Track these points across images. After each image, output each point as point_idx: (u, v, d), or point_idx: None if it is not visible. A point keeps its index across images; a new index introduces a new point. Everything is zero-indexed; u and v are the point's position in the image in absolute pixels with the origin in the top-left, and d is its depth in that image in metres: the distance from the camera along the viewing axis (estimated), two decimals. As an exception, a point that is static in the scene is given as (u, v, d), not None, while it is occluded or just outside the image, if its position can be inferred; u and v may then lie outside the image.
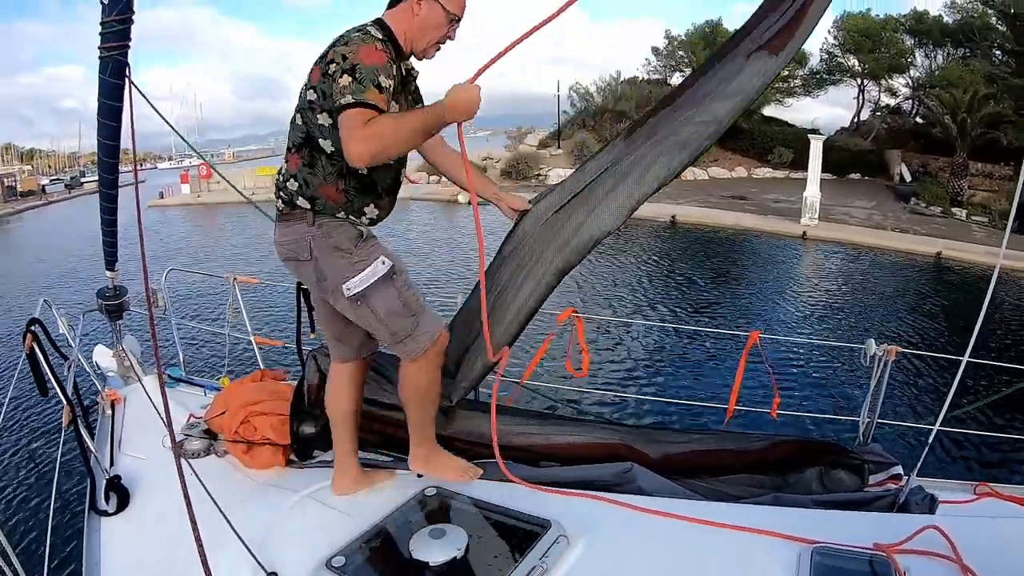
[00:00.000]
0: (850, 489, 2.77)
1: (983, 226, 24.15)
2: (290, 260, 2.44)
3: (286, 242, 2.40)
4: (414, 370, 2.45)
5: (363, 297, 2.34)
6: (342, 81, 2.12)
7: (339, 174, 2.30)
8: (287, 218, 2.38)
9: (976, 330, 2.66)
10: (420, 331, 2.40)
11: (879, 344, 3.24)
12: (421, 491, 2.40)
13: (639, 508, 2.43)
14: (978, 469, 7.09)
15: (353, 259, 2.33)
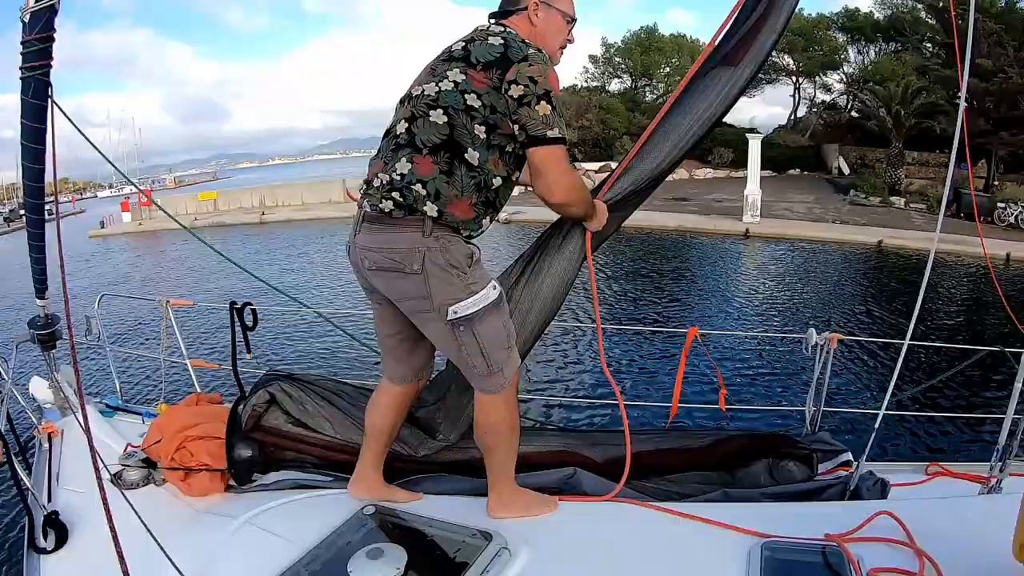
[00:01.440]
0: (800, 479, 2.78)
1: (922, 213, 24.98)
2: (387, 271, 2.20)
3: (391, 250, 2.16)
4: (501, 405, 2.31)
5: (468, 322, 2.18)
6: (541, 109, 2.07)
7: (476, 187, 2.17)
8: (397, 224, 2.15)
9: (915, 314, 2.70)
10: (509, 365, 2.29)
11: (820, 333, 3.28)
12: (360, 510, 2.34)
13: (583, 513, 2.41)
14: (930, 450, 7.23)
15: (467, 280, 2.18)
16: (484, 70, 2.10)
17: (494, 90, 2.09)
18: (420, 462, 2.73)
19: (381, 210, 2.17)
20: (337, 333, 10.06)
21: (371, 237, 2.20)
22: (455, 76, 2.13)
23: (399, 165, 2.15)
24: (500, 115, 2.10)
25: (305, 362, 10.39)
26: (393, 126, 2.25)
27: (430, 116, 2.13)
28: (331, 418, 2.78)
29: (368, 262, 2.22)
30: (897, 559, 2.05)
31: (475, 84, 2.10)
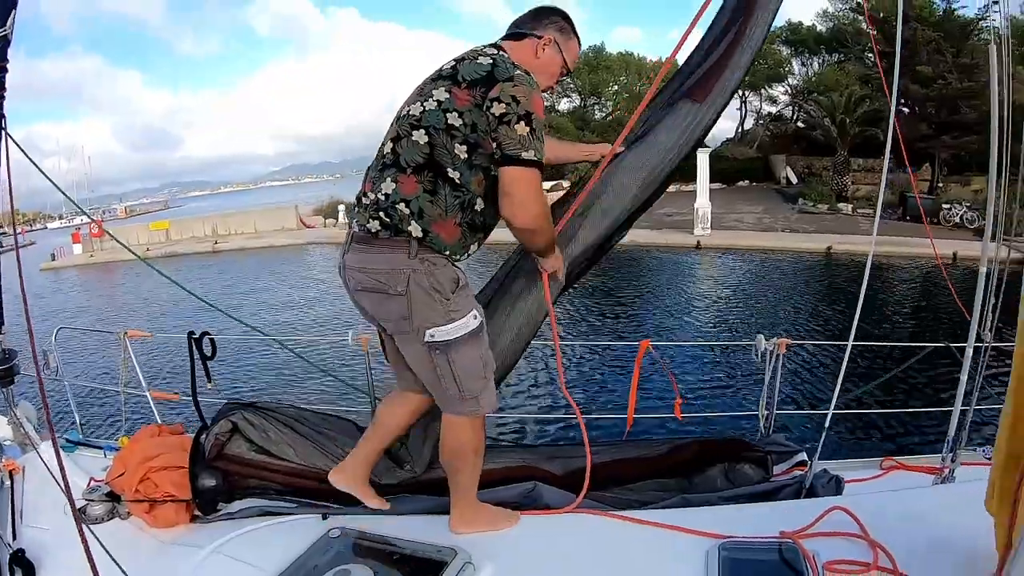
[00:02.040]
0: (756, 481, 2.84)
1: (869, 218, 25.59)
2: (371, 291, 2.21)
3: (376, 271, 2.18)
4: (468, 428, 2.32)
5: (445, 347, 2.19)
6: (519, 129, 2.06)
7: (460, 207, 2.17)
8: (383, 244, 2.16)
9: (856, 316, 2.79)
10: (484, 396, 2.29)
11: (769, 339, 3.37)
12: (326, 533, 2.36)
13: (545, 525, 2.46)
14: (885, 446, 7.40)
15: (449, 305, 2.18)
16: (468, 88, 2.11)
17: (476, 107, 2.09)
18: (382, 486, 2.75)
19: (368, 230, 2.18)
20: (296, 361, 10.03)
21: (358, 257, 2.22)
22: (439, 95, 2.14)
23: (384, 185, 2.16)
24: (481, 133, 2.10)
25: (265, 390, 10.31)
26: (381, 146, 2.27)
27: (413, 136, 2.15)
28: (294, 444, 2.80)
29: (354, 282, 2.24)
30: (852, 551, 2.12)
31: (458, 102, 2.11)
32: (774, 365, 3.39)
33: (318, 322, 15.80)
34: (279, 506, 2.69)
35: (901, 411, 7.39)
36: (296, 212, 34.76)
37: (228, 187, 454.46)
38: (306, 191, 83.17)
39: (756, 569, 2.11)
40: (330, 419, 2.98)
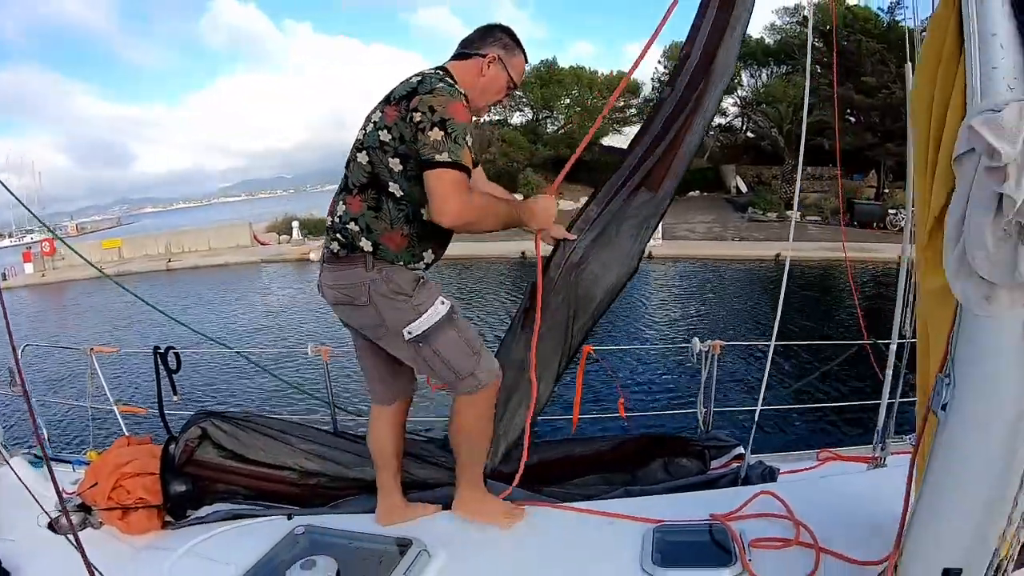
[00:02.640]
0: (695, 473, 3.01)
1: (817, 224, 26.13)
2: (343, 304, 2.38)
3: (341, 286, 2.35)
4: (469, 409, 2.46)
5: (425, 338, 2.32)
6: (432, 135, 2.14)
7: (406, 219, 2.30)
8: (344, 262, 2.33)
9: (777, 317, 3.00)
10: (480, 368, 2.41)
11: (704, 341, 3.58)
12: (292, 530, 2.51)
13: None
14: (824, 439, 7.69)
15: (414, 302, 2.31)
16: (396, 104, 2.24)
17: (401, 120, 2.21)
18: (348, 481, 2.92)
19: (331, 251, 2.37)
20: (258, 373, 10.05)
21: (328, 276, 2.39)
22: (375, 116, 2.31)
23: (338, 208, 2.36)
24: (408, 144, 2.21)
25: (229, 402, 10.38)
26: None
27: (357, 158, 2.32)
28: (264, 447, 2.94)
29: (330, 297, 2.40)
30: (777, 530, 2.36)
31: (387, 118, 2.24)
32: (710, 365, 3.58)
33: (279, 337, 15.79)
34: (247, 509, 2.82)
35: (835, 405, 7.68)
36: (250, 229, 34.36)
37: (181, 204, 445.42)
38: (260, 207, 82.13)
39: (688, 549, 2.31)
40: (295, 424, 3.13)
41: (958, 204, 1.31)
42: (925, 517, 1.63)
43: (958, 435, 1.50)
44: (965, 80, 1.30)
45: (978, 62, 1.27)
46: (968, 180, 1.26)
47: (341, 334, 10.29)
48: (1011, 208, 1.17)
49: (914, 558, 1.67)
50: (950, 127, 1.34)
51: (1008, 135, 1.13)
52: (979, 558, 1.58)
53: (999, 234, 1.24)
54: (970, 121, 1.18)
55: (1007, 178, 1.16)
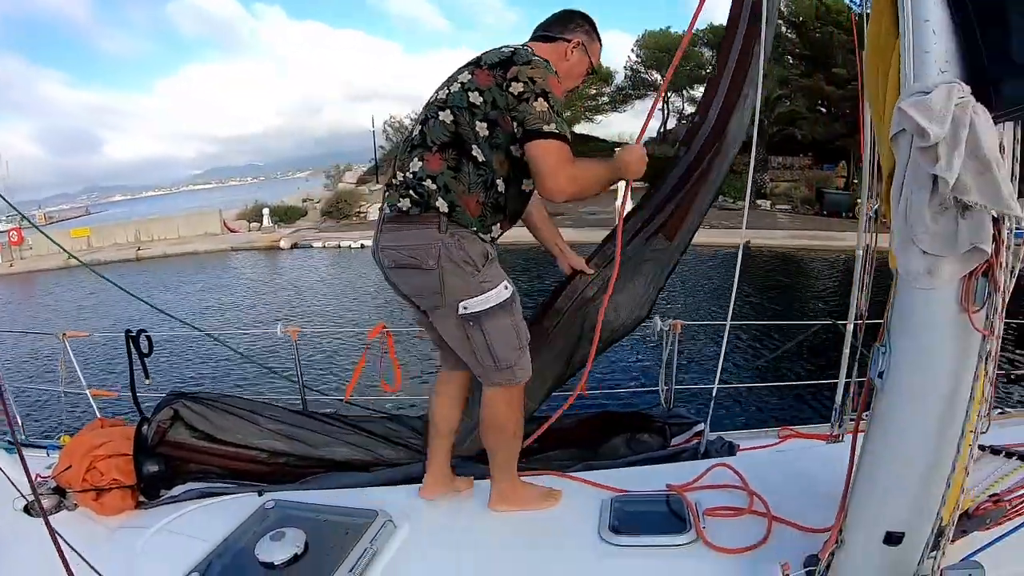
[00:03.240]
0: (655, 449, 3.09)
1: (786, 213, 26.40)
2: (405, 268, 2.26)
3: (407, 247, 2.23)
4: (501, 400, 2.39)
5: (478, 319, 2.25)
6: (537, 105, 2.12)
7: (483, 186, 2.23)
8: (414, 220, 2.22)
9: (732, 298, 3.08)
10: (520, 365, 2.36)
11: (665, 320, 3.65)
12: (261, 506, 2.55)
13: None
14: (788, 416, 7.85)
15: (480, 277, 2.24)
16: (489, 69, 2.20)
17: (496, 87, 2.17)
18: (315, 460, 2.98)
19: (399, 209, 2.25)
20: (229, 355, 10.00)
21: (390, 235, 2.28)
22: (463, 77, 2.25)
23: (411, 164, 2.26)
24: (500, 111, 2.17)
25: (201, 384, 10.32)
26: (410, 131, 2.37)
27: (439, 116, 2.24)
28: (234, 428, 2.98)
29: (388, 260, 2.29)
30: (732, 500, 2.45)
31: (479, 81, 2.20)
32: (671, 344, 3.64)
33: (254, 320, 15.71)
34: (219, 487, 2.86)
35: (798, 384, 7.83)
36: (220, 217, 34.00)
37: (151, 191, 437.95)
38: (231, 194, 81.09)
39: (644, 518, 2.40)
40: (264, 405, 3.18)
41: (897, 182, 1.38)
42: (866, 482, 1.70)
43: (894, 403, 1.58)
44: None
45: (912, 46, 1.33)
46: (904, 159, 1.33)
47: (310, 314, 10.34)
48: (946, 187, 1.25)
49: (857, 522, 1.74)
50: (888, 111, 1.40)
51: (937, 116, 1.19)
52: (921, 522, 1.65)
53: (936, 209, 1.31)
54: (900, 103, 1.25)
55: (938, 159, 1.23)
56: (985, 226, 1.31)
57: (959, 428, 1.52)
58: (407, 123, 38.39)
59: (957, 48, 1.30)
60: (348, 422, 3.17)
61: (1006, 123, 1.31)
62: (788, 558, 1.96)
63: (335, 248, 26.65)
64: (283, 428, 3.02)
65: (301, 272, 22.87)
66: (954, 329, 1.45)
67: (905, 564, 1.71)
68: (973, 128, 1.20)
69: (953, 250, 1.34)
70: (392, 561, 2.24)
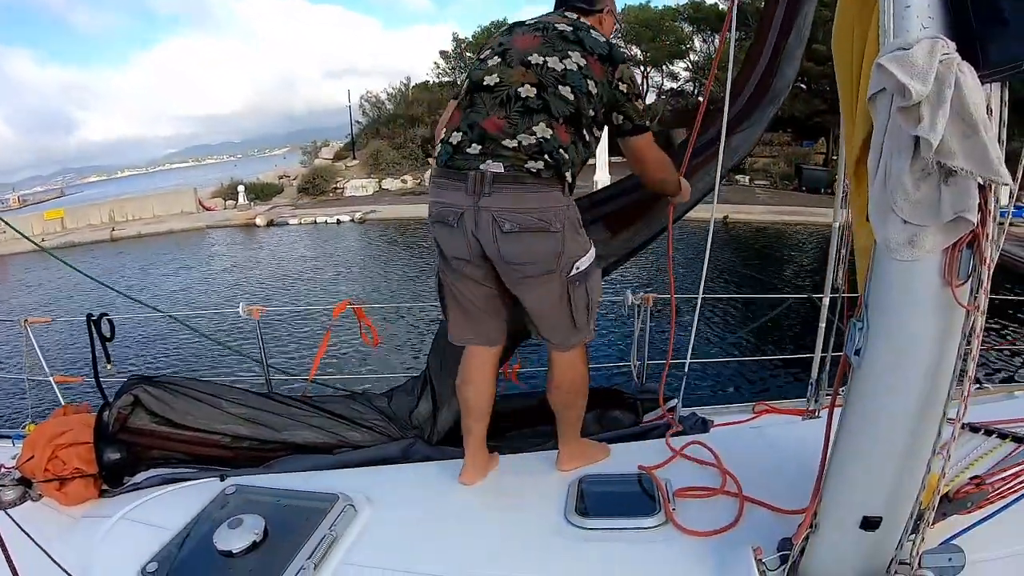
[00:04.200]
0: (626, 426, 3.04)
1: (765, 189, 26.50)
2: (531, 231, 2.18)
3: (533, 209, 2.16)
4: (584, 363, 2.50)
5: (584, 277, 2.32)
6: (639, 105, 2.34)
7: (583, 162, 2.33)
8: (544, 183, 2.17)
9: (704, 272, 3.14)
10: (593, 321, 2.44)
11: (636, 294, 3.60)
12: (222, 491, 2.50)
13: (423, 470, 2.69)
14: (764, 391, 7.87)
15: (582, 238, 2.32)
16: (600, 62, 2.26)
17: (607, 83, 2.26)
18: (278, 444, 2.92)
19: (528, 170, 2.15)
20: (192, 337, 9.87)
21: (513, 198, 2.16)
22: (577, 59, 2.24)
23: (537, 129, 2.18)
24: (605, 105, 2.29)
25: (164, 367, 10.24)
26: (506, 84, 2.25)
27: (560, 90, 2.20)
28: (196, 412, 2.91)
29: (509, 224, 2.16)
30: (704, 479, 2.40)
31: (595, 72, 2.25)
32: (643, 318, 3.61)
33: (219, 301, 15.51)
34: (181, 473, 2.80)
35: (774, 358, 7.84)
36: (195, 195, 33.69)
37: (126, 171, 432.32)
38: (207, 173, 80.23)
39: (612, 499, 2.35)
40: (227, 388, 3.10)
41: (875, 147, 1.30)
42: (841, 465, 1.65)
43: (871, 382, 1.51)
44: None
45: (892, 1, 1.25)
46: (883, 121, 1.25)
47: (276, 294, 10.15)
48: (928, 150, 1.17)
49: (832, 506, 1.69)
50: (866, 69, 1.33)
51: (919, 72, 1.11)
52: (899, 506, 1.60)
53: (918, 175, 1.24)
54: (880, 59, 1.16)
55: (921, 119, 1.15)
56: (970, 194, 1.23)
57: (940, 409, 1.47)
58: (384, 98, 38.12)
59: (940, 2, 1.23)
60: (312, 404, 3.11)
61: (993, 84, 1.23)
62: (761, 541, 1.91)
63: (311, 224, 26.43)
64: (246, 412, 2.95)
65: (276, 249, 22.63)
66: (936, 304, 1.38)
67: (883, 548, 1.67)
68: (959, 87, 1.12)
69: (936, 219, 1.26)
70: (352, 546, 2.19)
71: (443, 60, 41.15)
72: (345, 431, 2.96)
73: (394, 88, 38.66)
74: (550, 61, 2.24)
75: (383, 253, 19.93)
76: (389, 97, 38.25)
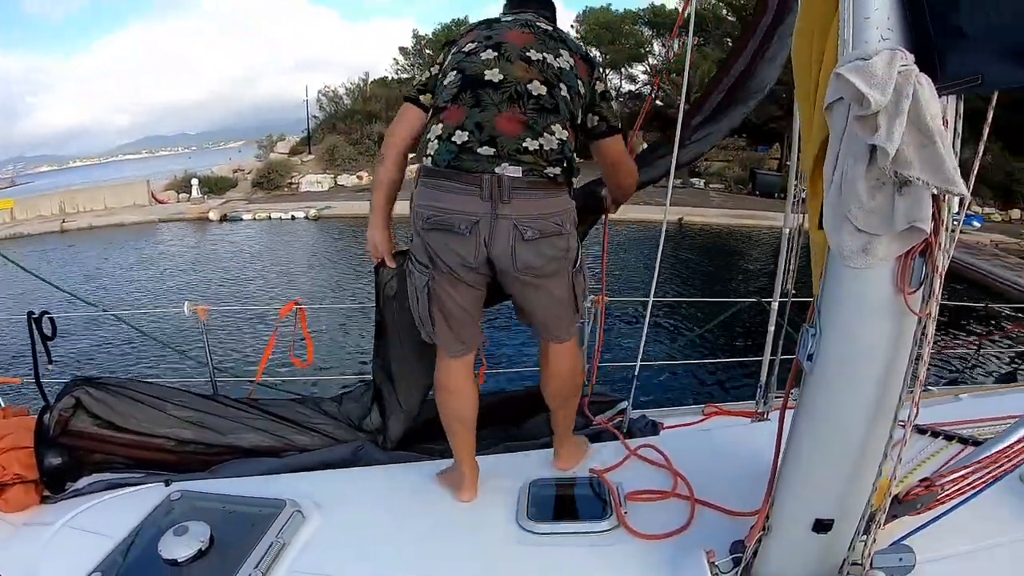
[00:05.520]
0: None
1: (720, 192, 26.88)
2: (549, 235, 2.13)
3: (552, 213, 2.12)
4: (575, 350, 2.47)
5: (581, 265, 2.34)
6: (613, 105, 2.34)
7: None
8: (558, 187, 2.14)
9: (655, 274, 3.14)
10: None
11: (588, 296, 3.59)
12: (167, 497, 2.43)
13: (371, 474, 2.65)
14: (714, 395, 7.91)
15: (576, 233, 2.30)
16: (583, 62, 2.26)
17: (590, 83, 2.27)
18: (223, 447, 2.86)
19: (546, 175, 2.09)
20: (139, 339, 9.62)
21: (535, 203, 2.09)
22: (567, 58, 2.22)
23: (556, 131, 2.13)
24: (585, 105, 2.26)
25: (107, 367, 9.93)
26: (511, 81, 2.14)
27: (561, 90, 2.17)
28: (139, 415, 2.83)
29: (530, 231, 2.09)
30: (655, 482, 2.41)
31: (582, 72, 2.24)
32: (594, 320, 3.58)
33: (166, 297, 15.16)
34: (125, 478, 2.73)
35: (723, 361, 7.93)
36: (148, 187, 32.99)
37: (79, 161, 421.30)
38: (162, 165, 78.43)
39: (563, 503, 2.34)
40: (171, 390, 3.03)
41: (831, 155, 1.31)
42: (793, 469, 1.67)
43: (824, 387, 1.53)
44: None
45: (851, 12, 1.26)
46: (839, 130, 1.27)
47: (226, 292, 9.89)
48: (885, 159, 1.18)
49: (784, 509, 1.71)
50: (824, 78, 1.34)
51: (878, 82, 1.12)
52: (851, 509, 1.63)
53: (873, 183, 1.25)
54: (839, 68, 1.17)
55: (878, 128, 1.16)
56: (924, 203, 1.25)
57: (892, 413, 1.50)
58: (342, 93, 37.68)
59: (900, 14, 1.24)
60: (258, 407, 3.04)
61: (949, 96, 1.24)
62: (713, 544, 1.93)
63: (265, 219, 26.01)
64: (190, 415, 2.88)
65: (228, 245, 22.23)
66: (888, 310, 1.40)
67: (835, 550, 1.70)
68: (916, 98, 1.13)
69: (890, 228, 1.28)
70: (300, 554, 2.15)
71: (402, 56, 40.82)
72: (292, 435, 2.91)
73: (352, 83, 38.24)
74: (548, 58, 2.19)
75: (337, 251, 19.69)
76: (347, 92, 37.81)
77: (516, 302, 2.38)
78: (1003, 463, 1.76)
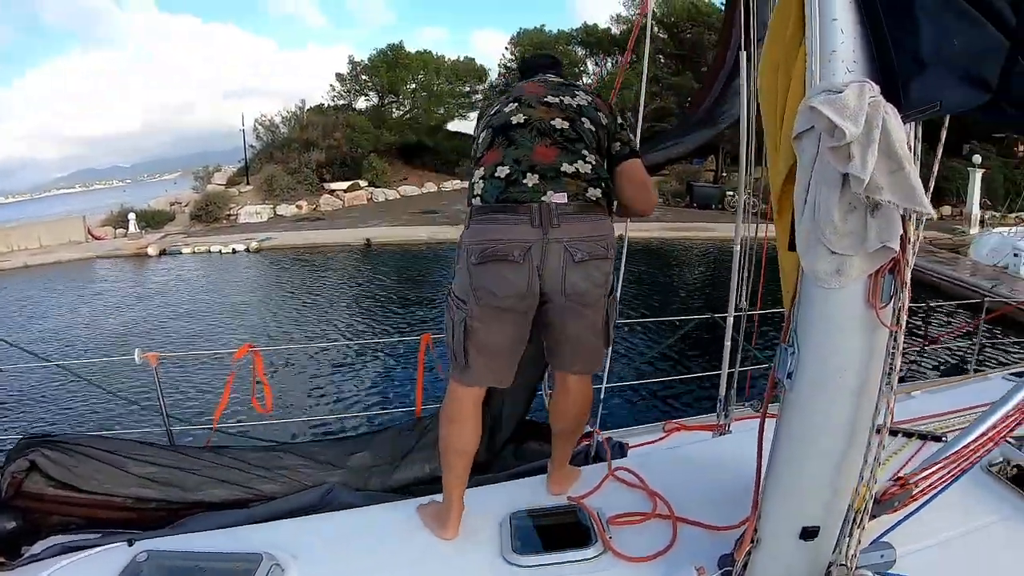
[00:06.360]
0: (544, 456, 2.94)
1: (659, 207, 27.24)
2: (599, 259, 2.19)
3: (599, 237, 2.18)
4: (591, 384, 2.51)
5: (614, 294, 2.38)
6: (629, 134, 2.44)
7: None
8: (601, 211, 2.23)
9: (617, 294, 3.07)
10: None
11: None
12: (133, 559, 2.30)
13: (348, 519, 2.57)
14: (671, 411, 7.95)
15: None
16: (599, 99, 2.45)
17: (610, 115, 2.41)
18: (190, 504, 2.76)
19: (588, 198, 2.18)
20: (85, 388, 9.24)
21: (583, 227, 2.16)
22: (583, 96, 2.42)
23: (588, 156, 2.26)
24: (609, 133, 2.37)
25: (53, 421, 9.41)
26: (535, 120, 2.30)
27: (584, 123, 2.32)
28: (98, 475, 2.72)
29: (580, 253, 2.14)
30: (635, 504, 2.41)
31: (600, 106, 2.40)
32: None
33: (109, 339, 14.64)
34: (84, 539, 2.58)
35: (680, 378, 8.01)
36: (84, 223, 32.08)
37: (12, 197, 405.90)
38: (97, 199, 75.94)
39: (547, 533, 2.32)
40: (130, 444, 2.92)
41: (802, 182, 1.36)
42: (778, 480, 1.71)
43: (804, 402, 1.58)
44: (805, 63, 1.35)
45: (818, 46, 1.32)
46: (810, 158, 1.31)
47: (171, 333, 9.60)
48: (859, 186, 1.23)
49: (772, 520, 1.75)
50: (791, 108, 1.38)
51: (851, 114, 1.17)
52: (835, 515, 1.68)
53: (846, 208, 1.30)
54: (810, 101, 1.21)
55: (852, 158, 1.21)
56: (894, 224, 1.31)
57: (870, 422, 1.55)
58: (278, 121, 37.21)
59: (864, 47, 1.30)
60: (221, 455, 2.95)
61: (910, 123, 1.31)
62: (700, 560, 1.96)
63: (205, 252, 25.47)
64: (153, 471, 2.76)
65: (168, 281, 21.67)
66: (862, 326, 1.46)
67: (822, 553, 1.75)
68: (885, 127, 1.18)
69: (862, 249, 1.34)
70: None
71: (339, 83, 40.60)
72: (259, 483, 2.82)
73: (289, 111, 37.80)
74: (565, 99, 2.37)
75: (280, 284, 19.32)
76: (284, 120, 37.37)
77: (552, 334, 2.34)
78: (969, 457, 1.86)
